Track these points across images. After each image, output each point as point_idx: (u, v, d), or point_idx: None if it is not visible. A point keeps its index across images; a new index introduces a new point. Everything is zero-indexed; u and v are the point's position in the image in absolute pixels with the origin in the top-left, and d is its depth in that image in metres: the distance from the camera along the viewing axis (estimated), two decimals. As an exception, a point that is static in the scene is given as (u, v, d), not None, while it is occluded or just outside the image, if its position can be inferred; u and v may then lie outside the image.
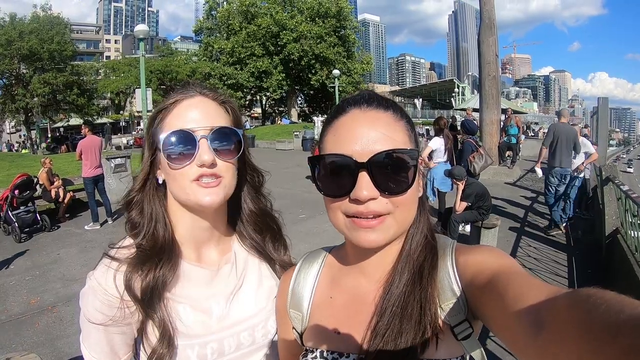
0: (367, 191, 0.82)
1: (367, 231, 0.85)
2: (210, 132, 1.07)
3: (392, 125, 0.88)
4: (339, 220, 0.89)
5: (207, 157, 1.05)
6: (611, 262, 6.44)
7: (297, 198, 11.12)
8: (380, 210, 0.84)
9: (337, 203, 0.88)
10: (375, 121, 0.87)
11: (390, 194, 0.84)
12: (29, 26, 39.01)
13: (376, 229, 0.85)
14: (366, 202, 0.83)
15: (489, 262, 0.83)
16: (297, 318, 1.07)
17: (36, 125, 47.81)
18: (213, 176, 1.07)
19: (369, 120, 0.88)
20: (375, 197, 0.83)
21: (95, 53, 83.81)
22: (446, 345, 0.86)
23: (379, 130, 0.86)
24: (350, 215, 0.86)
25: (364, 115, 0.89)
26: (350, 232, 0.87)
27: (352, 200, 0.84)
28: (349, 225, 0.87)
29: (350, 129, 0.88)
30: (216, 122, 1.10)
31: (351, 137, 0.86)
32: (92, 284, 1.06)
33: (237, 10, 46.89)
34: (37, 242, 9.07)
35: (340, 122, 0.90)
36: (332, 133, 0.91)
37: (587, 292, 0.51)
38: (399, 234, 0.90)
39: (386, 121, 0.88)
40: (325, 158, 0.90)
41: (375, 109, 0.90)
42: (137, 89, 19.16)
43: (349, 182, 0.84)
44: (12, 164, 16.33)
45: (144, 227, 1.14)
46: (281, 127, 39.47)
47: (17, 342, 4.92)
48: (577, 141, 8.36)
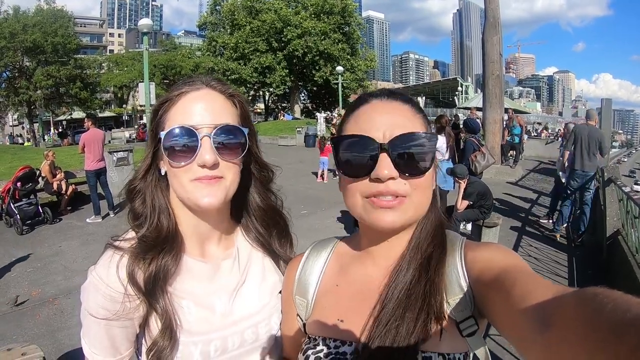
0: (387, 170, 0.85)
1: (386, 211, 0.86)
2: (213, 130, 1.04)
3: (411, 116, 0.92)
4: (357, 202, 0.91)
5: (208, 157, 1.01)
6: (612, 264, 6.43)
7: (299, 194, 11.14)
8: (399, 190, 0.86)
9: (355, 184, 0.90)
10: (395, 110, 0.92)
11: (409, 176, 0.87)
12: (33, 19, 38.84)
13: (394, 209, 0.86)
14: (386, 181, 0.85)
15: (497, 260, 0.84)
16: (302, 305, 1.07)
17: (39, 118, 47.80)
18: (214, 176, 1.04)
19: (389, 108, 0.92)
20: (394, 176, 0.85)
21: (99, 47, 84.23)
22: (450, 340, 0.86)
23: (399, 117, 0.90)
24: (369, 196, 0.88)
25: (384, 105, 0.93)
26: (368, 213, 0.89)
27: (373, 180, 0.86)
28: (367, 207, 0.89)
29: (372, 115, 0.92)
30: (221, 119, 1.06)
31: (372, 123, 0.90)
32: (94, 279, 1.03)
33: (242, 6, 46.81)
34: (39, 235, 9.11)
35: (362, 110, 0.94)
36: (354, 120, 0.94)
37: (594, 291, 0.51)
38: (414, 219, 0.92)
39: (406, 112, 0.92)
40: (347, 139, 0.92)
41: (396, 101, 0.94)
42: (140, 83, 19.11)
43: (369, 163, 0.87)
44: (15, 157, 16.33)
45: (148, 218, 1.11)
46: (284, 123, 39.34)
47: (18, 333, 4.95)
48: (603, 141, 8.18)
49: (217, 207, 1.07)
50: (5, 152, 18.18)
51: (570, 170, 8.32)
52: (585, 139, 8.01)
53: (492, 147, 14.12)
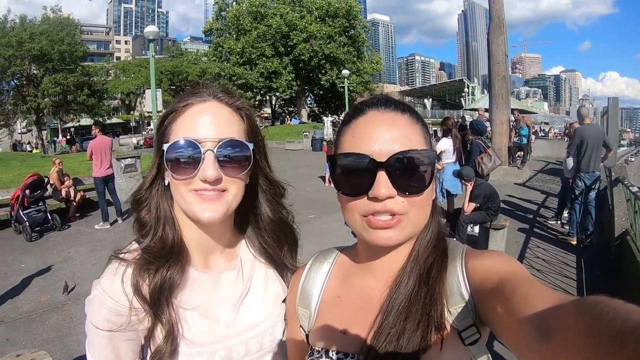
0: (385, 190, 0.83)
1: (385, 230, 0.86)
2: (217, 145, 1.02)
3: (409, 127, 0.90)
4: (356, 220, 0.90)
5: (210, 172, 1.00)
6: (620, 264, 6.37)
7: (305, 198, 11.15)
8: (397, 209, 0.85)
9: (353, 202, 0.88)
10: (393, 122, 0.89)
11: (408, 194, 0.85)
12: (40, 27, 39.23)
13: (393, 228, 0.85)
14: (384, 200, 0.84)
15: (498, 268, 0.83)
16: (305, 316, 1.07)
17: (47, 126, 48.15)
18: (215, 190, 1.03)
19: (386, 121, 0.89)
20: (392, 195, 0.84)
21: (106, 54, 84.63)
22: (453, 349, 0.86)
23: (397, 130, 0.88)
24: (366, 214, 0.87)
25: (381, 117, 0.90)
26: (367, 231, 0.88)
27: (370, 198, 0.85)
28: (365, 225, 0.88)
29: (368, 129, 0.89)
30: (226, 133, 1.04)
31: (369, 137, 0.87)
32: (99, 292, 1.02)
33: (247, 11, 46.98)
34: (48, 241, 9.17)
35: (358, 123, 0.91)
36: (350, 134, 0.92)
37: (594, 299, 0.51)
38: (413, 235, 0.91)
39: (403, 123, 0.90)
40: (343, 157, 0.90)
41: (392, 111, 0.91)
42: (147, 89, 19.21)
43: (367, 181, 0.85)
44: (23, 164, 16.47)
45: (153, 228, 1.11)
46: (290, 127, 39.46)
47: (27, 339, 4.98)
48: (607, 139, 8.14)
49: (217, 221, 1.06)
50: (14, 159, 18.33)
51: (576, 172, 8.24)
52: (592, 140, 7.93)
53: (499, 148, 14.06)
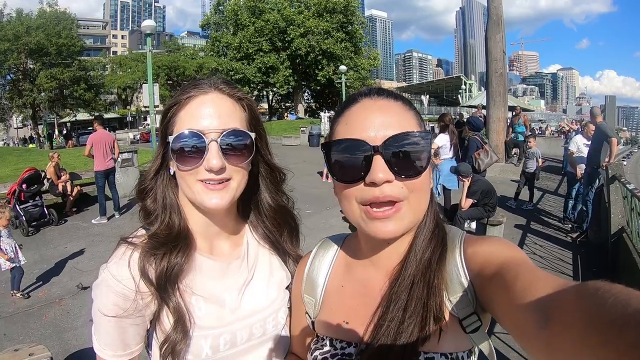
0: (382, 174, 0.82)
1: (384, 221, 0.85)
2: (220, 135, 1.05)
3: (403, 113, 0.90)
4: (354, 210, 0.89)
5: (215, 162, 1.03)
6: (617, 261, 6.42)
7: (303, 193, 11.13)
8: (396, 194, 0.84)
9: (351, 190, 0.88)
10: (386, 108, 0.89)
11: (405, 177, 0.84)
12: (36, 21, 38.80)
13: (392, 218, 0.85)
14: (381, 185, 0.83)
15: (498, 253, 0.83)
16: (311, 303, 1.09)
17: (43, 121, 47.93)
18: (220, 179, 1.06)
19: (380, 107, 0.89)
20: (390, 179, 0.83)
21: (102, 48, 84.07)
22: (454, 338, 0.87)
23: (391, 116, 0.88)
24: (365, 203, 0.86)
25: (375, 104, 0.90)
26: (366, 223, 0.88)
27: (367, 184, 0.84)
28: (364, 217, 0.87)
29: (362, 116, 0.89)
30: (229, 123, 1.07)
31: (364, 124, 0.87)
32: (107, 276, 1.04)
33: (245, 6, 46.86)
34: (45, 236, 9.16)
35: (352, 111, 0.92)
36: (344, 122, 0.92)
37: (595, 285, 0.51)
38: (413, 224, 0.90)
39: (397, 109, 0.90)
40: (338, 143, 0.90)
41: (385, 99, 0.91)
42: (144, 84, 19.13)
43: (363, 167, 0.84)
44: (20, 159, 16.42)
45: (159, 216, 1.14)
46: (287, 122, 39.33)
47: (24, 334, 4.99)
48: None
49: (223, 208, 1.09)
50: (10, 154, 18.26)
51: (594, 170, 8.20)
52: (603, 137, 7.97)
53: (495, 145, 14.09)
